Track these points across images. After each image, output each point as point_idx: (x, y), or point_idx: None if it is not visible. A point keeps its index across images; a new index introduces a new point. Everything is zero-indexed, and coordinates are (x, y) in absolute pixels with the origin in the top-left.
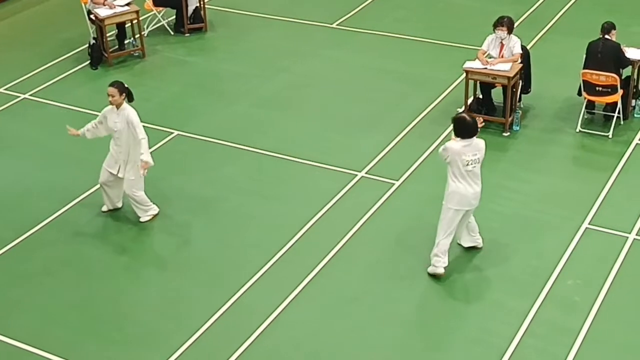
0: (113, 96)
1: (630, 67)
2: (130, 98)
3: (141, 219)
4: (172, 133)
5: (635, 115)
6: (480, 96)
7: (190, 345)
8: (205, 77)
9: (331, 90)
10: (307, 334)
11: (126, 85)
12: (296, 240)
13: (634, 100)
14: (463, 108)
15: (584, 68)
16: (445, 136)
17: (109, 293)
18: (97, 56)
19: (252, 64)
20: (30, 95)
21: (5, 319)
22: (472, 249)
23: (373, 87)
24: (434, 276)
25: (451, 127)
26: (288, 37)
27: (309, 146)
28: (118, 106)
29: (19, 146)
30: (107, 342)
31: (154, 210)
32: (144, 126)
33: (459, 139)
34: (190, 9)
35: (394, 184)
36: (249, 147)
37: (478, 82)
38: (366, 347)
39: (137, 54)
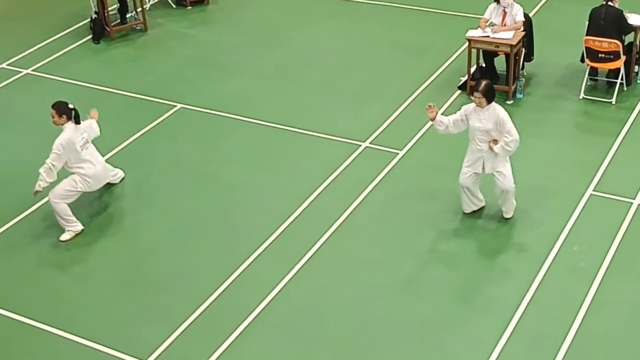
0: (52, 117)
1: (632, 33)
2: (77, 121)
3: (61, 237)
4: (176, 106)
5: (638, 81)
6: (483, 64)
7: (196, 318)
8: (207, 50)
9: (333, 60)
10: (314, 303)
11: (71, 107)
12: (302, 211)
13: (636, 67)
14: (466, 77)
15: (586, 35)
16: (450, 104)
17: (111, 267)
18: (99, 30)
19: (254, 35)
20: (33, 70)
21: (9, 294)
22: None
23: (375, 56)
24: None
25: (455, 95)
26: (289, 8)
27: (312, 117)
28: (61, 126)
29: (22, 122)
30: (110, 316)
31: (76, 226)
32: (147, 100)
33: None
34: None
35: (398, 153)
36: (252, 118)
37: (481, 50)
38: (372, 314)
39: (139, 28)
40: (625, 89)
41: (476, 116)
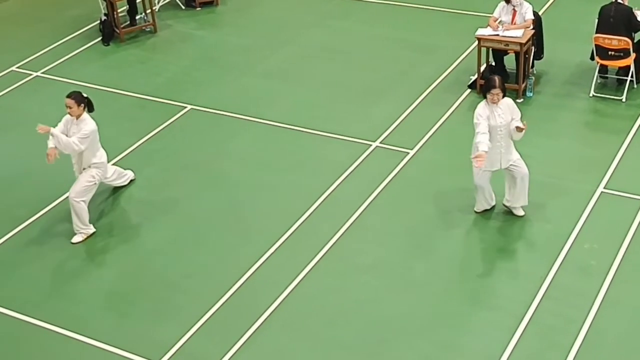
0: (70, 107)
1: None
2: (90, 108)
3: (73, 239)
4: (186, 107)
5: None
6: (493, 63)
7: (208, 319)
8: (217, 51)
9: (342, 60)
10: (325, 302)
11: (85, 95)
12: (312, 211)
13: None
14: (476, 75)
15: (596, 32)
16: (460, 103)
17: (122, 268)
18: (109, 32)
19: (263, 36)
20: (43, 73)
21: (19, 295)
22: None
23: (384, 56)
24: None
25: (465, 94)
26: (298, 8)
27: (321, 117)
28: (77, 117)
29: (32, 123)
30: (122, 317)
31: (89, 230)
32: (157, 101)
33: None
34: None
35: (408, 153)
36: (261, 119)
37: (490, 49)
38: (382, 315)
39: (148, 29)
40: (635, 86)
41: (495, 114)
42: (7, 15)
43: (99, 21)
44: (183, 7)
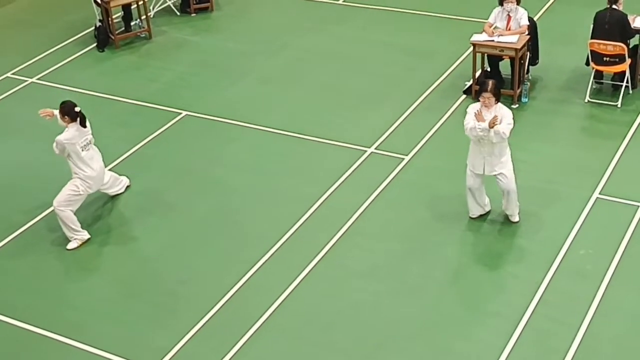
0: (58, 115)
1: (638, 35)
2: (82, 124)
3: (68, 246)
4: (181, 113)
5: None
6: (488, 69)
7: (204, 324)
8: (212, 56)
9: (337, 65)
10: (322, 307)
11: (77, 110)
12: (308, 217)
13: None
14: (471, 81)
15: (591, 38)
16: (455, 109)
17: (118, 274)
18: (104, 38)
19: (258, 41)
20: (38, 79)
21: (16, 302)
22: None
23: (380, 62)
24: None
25: (461, 100)
26: (293, 14)
27: (317, 123)
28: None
29: (28, 130)
30: (118, 323)
31: (83, 235)
32: (152, 107)
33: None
34: None
35: (403, 158)
36: (257, 125)
37: (486, 54)
38: (380, 319)
39: (143, 35)
40: (630, 92)
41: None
42: (2, 21)
43: (93, 27)
44: (178, 13)
